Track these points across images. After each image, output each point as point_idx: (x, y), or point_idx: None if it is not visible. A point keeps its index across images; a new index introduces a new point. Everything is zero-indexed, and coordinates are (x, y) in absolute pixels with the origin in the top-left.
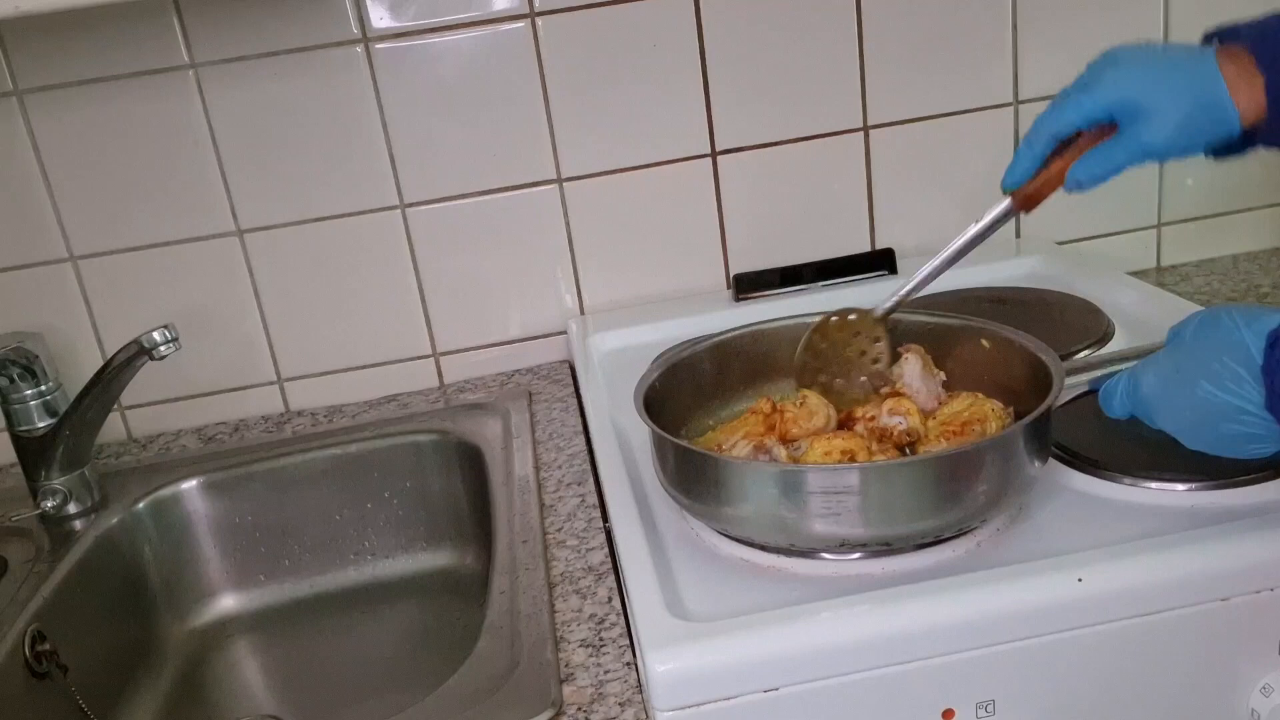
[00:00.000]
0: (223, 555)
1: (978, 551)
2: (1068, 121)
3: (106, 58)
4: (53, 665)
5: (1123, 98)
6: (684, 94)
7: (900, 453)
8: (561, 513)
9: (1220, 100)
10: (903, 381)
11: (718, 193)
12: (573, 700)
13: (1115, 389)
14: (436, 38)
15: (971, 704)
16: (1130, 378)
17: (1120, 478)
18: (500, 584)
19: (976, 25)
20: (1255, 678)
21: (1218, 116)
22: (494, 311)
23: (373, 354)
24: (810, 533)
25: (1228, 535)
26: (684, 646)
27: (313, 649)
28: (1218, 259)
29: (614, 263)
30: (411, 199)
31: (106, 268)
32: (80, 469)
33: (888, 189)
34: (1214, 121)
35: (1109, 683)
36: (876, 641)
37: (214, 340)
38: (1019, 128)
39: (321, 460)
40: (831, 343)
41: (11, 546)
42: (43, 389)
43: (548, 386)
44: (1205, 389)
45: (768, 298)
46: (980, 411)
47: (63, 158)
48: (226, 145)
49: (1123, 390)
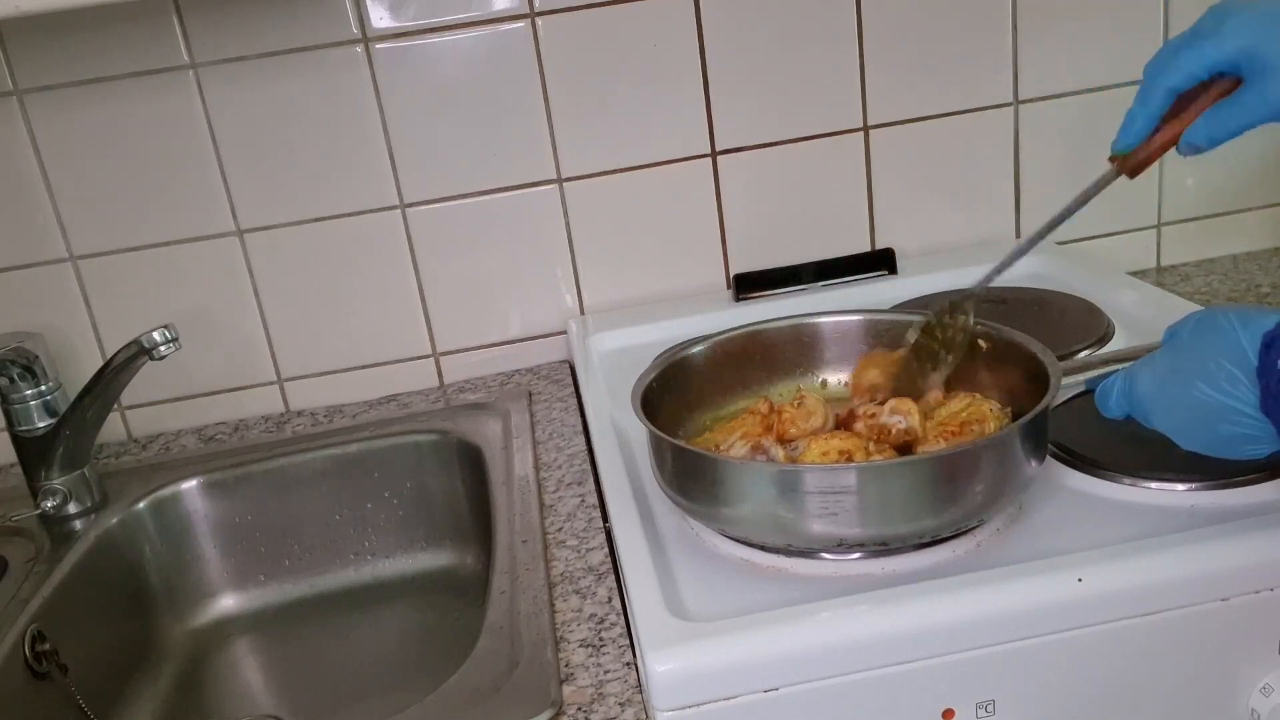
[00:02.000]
0: (223, 555)
1: (977, 551)
2: (1188, 73)
3: (106, 58)
4: (53, 665)
5: (1250, 47)
6: (684, 94)
7: (897, 453)
8: (561, 513)
9: None
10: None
11: (718, 193)
12: (573, 700)
13: (1111, 388)
14: (436, 38)
15: (971, 704)
16: (1126, 377)
17: (1120, 477)
18: (500, 584)
19: (976, 25)
20: (1255, 678)
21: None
22: (494, 311)
23: (373, 354)
24: (808, 533)
25: (1228, 535)
26: (684, 646)
27: (313, 649)
28: (1218, 259)
29: (614, 263)
30: (411, 199)
31: (106, 268)
32: (80, 469)
33: (888, 189)
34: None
35: (1109, 683)
36: (876, 641)
37: (214, 340)
38: (1019, 128)
39: (321, 460)
40: (944, 333)
41: (11, 546)
42: (43, 389)
43: (548, 386)
44: (1201, 390)
45: (768, 298)
46: (979, 412)
47: (63, 158)
48: (226, 145)
49: (1119, 390)
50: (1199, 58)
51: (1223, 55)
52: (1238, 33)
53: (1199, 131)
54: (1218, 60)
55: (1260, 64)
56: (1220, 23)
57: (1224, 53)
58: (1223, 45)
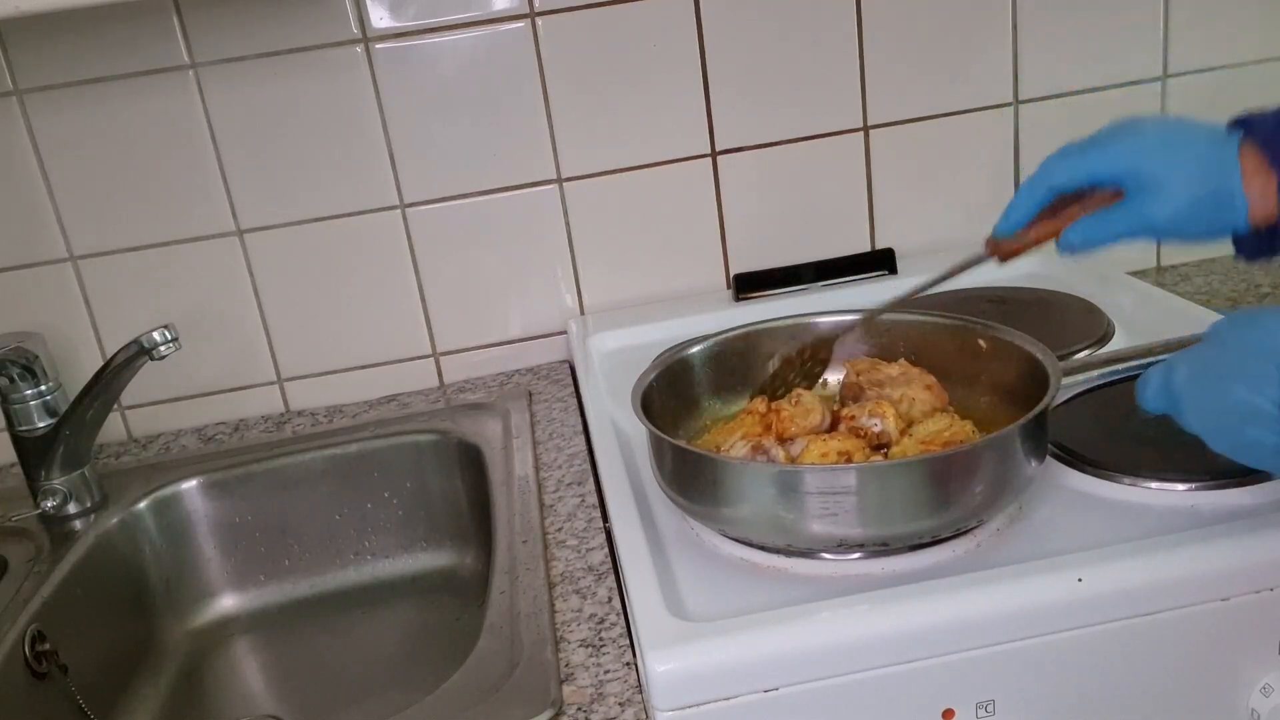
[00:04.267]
0: (223, 555)
1: (977, 551)
2: (1073, 177)
3: (106, 58)
4: (53, 665)
5: (1135, 166)
6: (684, 94)
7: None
8: (561, 513)
9: (1231, 190)
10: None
11: (718, 193)
12: (573, 700)
13: (1151, 379)
14: (436, 38)
15: (971, 704)
16: (1166, 368)
17: (1120, 477)
18: (500, 584)
19: (976, 26)
20: (1255, 678)
21: (1225, 206)
22: (494, 311)
23: (373, 354)
24: (808, 533)
25: (1228, 535)
26: (684, 646)
27: (313, 649)
28: (1218, 259)
29: (614, 263)
30: (411, 199)
31: (106, 268)
32: (80, 469)
33: (888, 189)
34: (1221, 211)
35: (1109, 683)
36: (876, 641)
37: (214, 340)
38: (1019, 128)
39: (321, 460)
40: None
41: (11, 546)
42: (43, 389)
43: (548, 386)
44: (1236, 389)
45: (768, 298)
46: (962, 432)
47: (63, 158)
48: (226, 145)
49: (1156, 382)
50: (1086, 165)
51: (1109, 168)
52: (1125, 151)
53: (1075, 233)
54: (1103, 172)
55: (1140, 182)
56: (1113, 138)
57: (1109, 166)
58: (1109, 159)
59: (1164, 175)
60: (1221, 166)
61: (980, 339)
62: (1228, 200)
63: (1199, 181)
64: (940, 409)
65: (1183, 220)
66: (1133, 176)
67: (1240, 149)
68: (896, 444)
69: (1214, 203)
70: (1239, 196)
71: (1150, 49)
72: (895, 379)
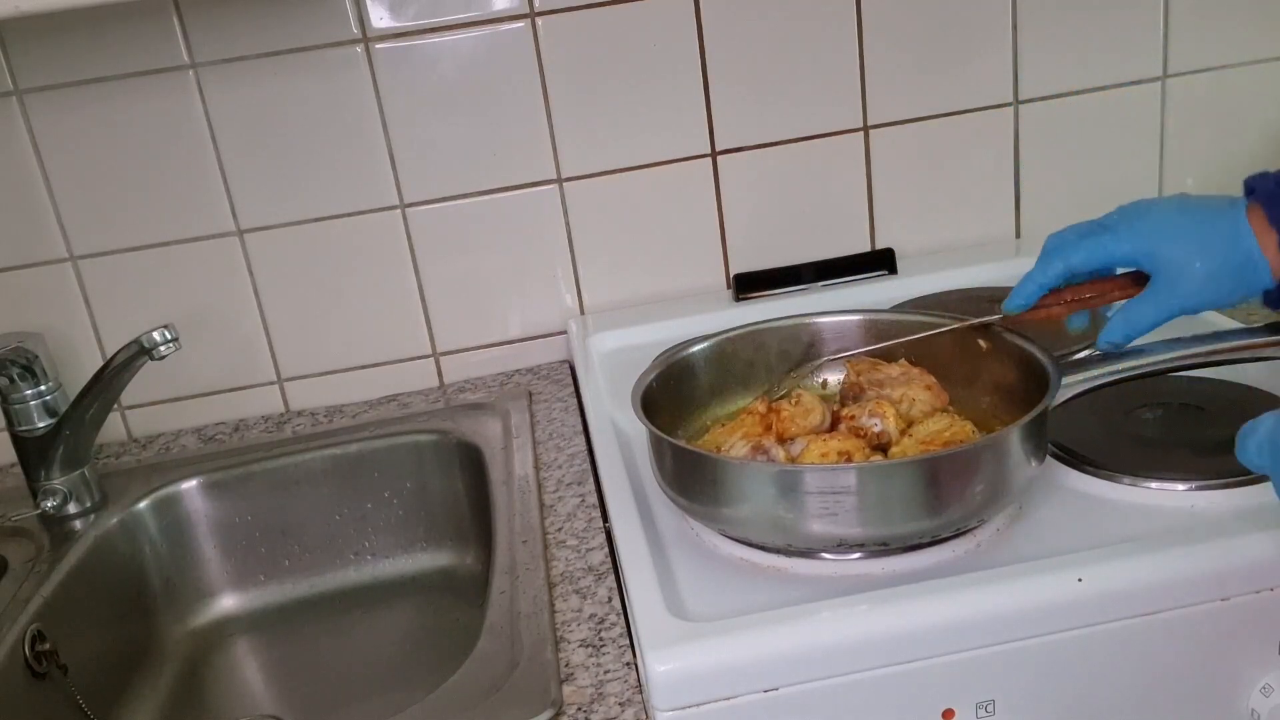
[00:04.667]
0: (223, 555)
1: (977, 551)
2: (1090, 257)
3: (106, 58)
4: (53, 665)
5: (1153, 249)
6: (684, 94)
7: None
8: (561, 513)
9: (1251, 256)
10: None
11: (718, 193)
12: (573, 700)
13: (1258, 430)
14: (436, 38)
15: (971, 704)
16: (1276, 421)
17: (1120, 477)
18: (500, 584)
19: (976, 26)
20: (1255, 678)
21: (1249, 271)
22: (494, 311)
23: (373, 354)
24: (808, 533)
25: (1228, 535)
26: (684, 646)
27: (313, 649)
28: None
29: (614, 263)
30: (411, 199)
31: (106, 268)
32: (80, 469)
33: (888, 189)
34: (1245, 276)
35: (1109, 683)
36: (876, 641)
37: (214, 340)
38: (1019, 128)
39: (321, 460)
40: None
41: (11, 546)
42: (43, 389)
43: (548, 386)
44: None
45: (768, 298)
46: (962, 432)
47: (63, 158)
48: (226, 145)
49: (1265, 436)
50: (1103, 251)
51: (1126, 255)
52: (1142, 234)
53: (1116, 331)
54: (1121, 258)
55: (1161, 265)
56: (1129, 221)
57: (1128, 253)
58: (1128, 245)
59: (1184, 255)
60: (1235, 234)
61: (980, 339)
62: (1250, 265)
63: (1219, 254)
64: (940, 409)
65: (1211, 293)
66: (1151, 259)
67: (1247, 212)
68: (896, 444)
69: (1237, 270)
70: (1259, 258)
71: (1150, 49)
72: (895, 379)
